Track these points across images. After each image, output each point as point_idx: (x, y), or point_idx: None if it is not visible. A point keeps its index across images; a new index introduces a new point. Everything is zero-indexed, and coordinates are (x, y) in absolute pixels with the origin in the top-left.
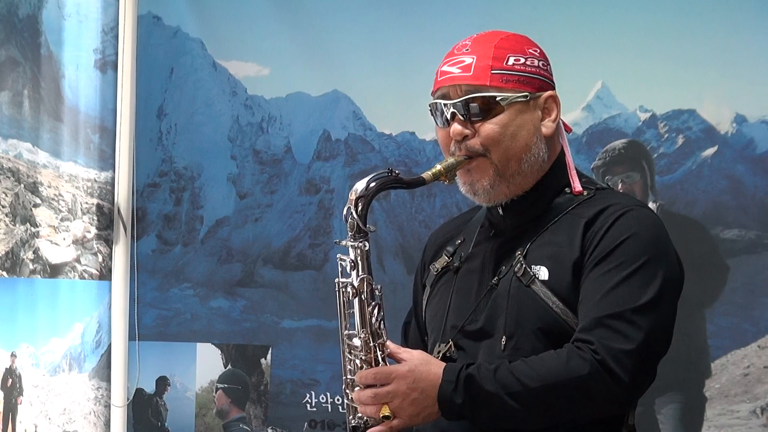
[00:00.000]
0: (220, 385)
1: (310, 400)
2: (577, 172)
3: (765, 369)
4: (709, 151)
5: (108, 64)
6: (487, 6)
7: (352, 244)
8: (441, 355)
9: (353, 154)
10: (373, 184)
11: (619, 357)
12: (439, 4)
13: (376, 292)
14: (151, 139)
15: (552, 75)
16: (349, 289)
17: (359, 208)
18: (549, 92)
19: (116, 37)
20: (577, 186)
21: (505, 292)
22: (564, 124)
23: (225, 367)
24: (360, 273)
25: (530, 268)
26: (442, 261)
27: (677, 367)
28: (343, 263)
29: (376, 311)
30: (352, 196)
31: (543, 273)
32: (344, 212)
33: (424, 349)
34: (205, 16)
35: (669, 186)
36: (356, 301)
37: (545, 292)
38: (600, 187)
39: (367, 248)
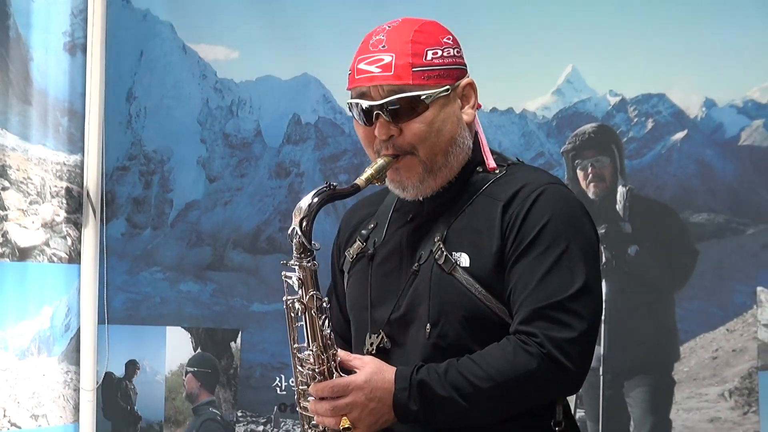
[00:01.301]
0: (189, 369)
1: (279, 384)
2: (489, 148)
3: (733, 352)
4: (679, 135)
5: (77, 47)
6: None
7: (299, 264)
8: (375, 347)
9: (323, 138)
10: (315, 200)
11: (563, 347)
12: None
13: (324, 305)
14: (121, 123)
15: (464, 58)
16: (297, 305)
17: (303, 226)
18: (466, 80)
19: (85, 19)
20: (491, 163)
21: (426, 279)
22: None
23: (195, 351)
24: (308, 290)
25: (451, 255)
26: (356, 247)
27: (646, 351)
28: (290, 281)
29: (326, 324)
30: (298, 215)
31: (464, 260)
32: (289, 232)
33: (347, 329)
34: None
35: (638, 170)
36: (306, 316)
37: (467, 279)
38: (511, 163)
39: (315, 267)
